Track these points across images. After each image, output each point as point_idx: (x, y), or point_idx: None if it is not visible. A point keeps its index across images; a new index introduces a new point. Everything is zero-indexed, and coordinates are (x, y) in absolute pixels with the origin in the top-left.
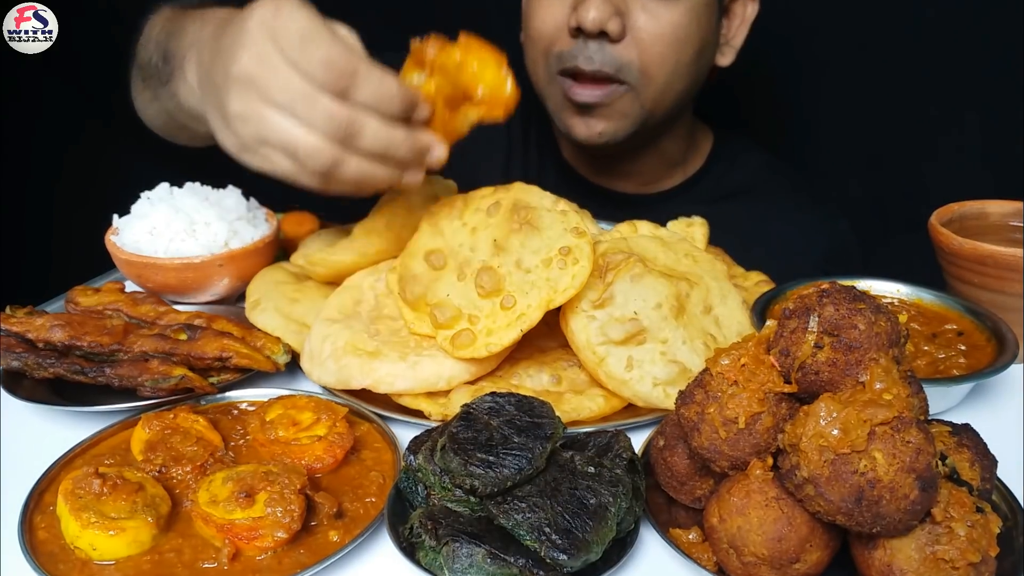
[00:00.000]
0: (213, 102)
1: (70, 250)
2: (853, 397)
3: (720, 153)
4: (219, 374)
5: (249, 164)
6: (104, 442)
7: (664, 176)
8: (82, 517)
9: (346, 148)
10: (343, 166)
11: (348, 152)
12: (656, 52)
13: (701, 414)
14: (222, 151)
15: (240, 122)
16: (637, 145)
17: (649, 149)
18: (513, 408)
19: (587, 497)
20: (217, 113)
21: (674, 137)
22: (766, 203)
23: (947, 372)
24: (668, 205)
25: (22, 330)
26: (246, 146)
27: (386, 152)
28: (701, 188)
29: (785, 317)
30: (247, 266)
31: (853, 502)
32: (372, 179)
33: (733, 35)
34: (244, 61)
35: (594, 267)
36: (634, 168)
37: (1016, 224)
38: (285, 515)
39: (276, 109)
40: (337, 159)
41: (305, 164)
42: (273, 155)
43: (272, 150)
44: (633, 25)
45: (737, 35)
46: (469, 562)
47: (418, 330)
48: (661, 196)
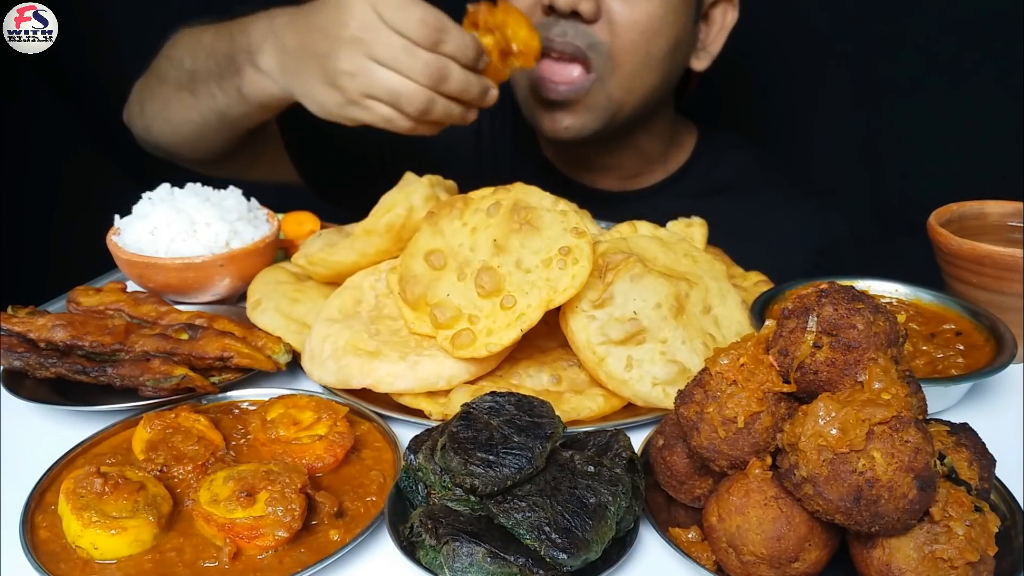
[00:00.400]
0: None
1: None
2: (852, 397)
3: (704, 150)
4: (220, 374)
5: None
6: (105, 441)
7: (644, 172)
8: (83, 516)
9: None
10: (434, 107)
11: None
12: (628, 39)
13: (700, 413)
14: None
15: (348, 78)
16: (610, 140)
17: (625, 145)
18: (513, 408)
19: (587, 496)
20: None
21: (652, 133)
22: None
23: (945, 372)
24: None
25: (24, 330)
26: (351, 100)
27: (463, 94)
28: (683, 184)
29: (784, 317)
30: (248, 266)
31: (852, 501)
32: (450, 117)
33: (711, 41)
34: (352, 27)
35: (594, 267)
36: (612, 163)
37: (1015, 224)
38: (286, 514)
39: (381, 64)
40: (430, 100)
41: (405, 108)
42: (376, 106)
43: (375, 101)
44: (608, 9)
45: (715, 41)
46: (469, 561)
47: (418, 330)
48: (642, 193)
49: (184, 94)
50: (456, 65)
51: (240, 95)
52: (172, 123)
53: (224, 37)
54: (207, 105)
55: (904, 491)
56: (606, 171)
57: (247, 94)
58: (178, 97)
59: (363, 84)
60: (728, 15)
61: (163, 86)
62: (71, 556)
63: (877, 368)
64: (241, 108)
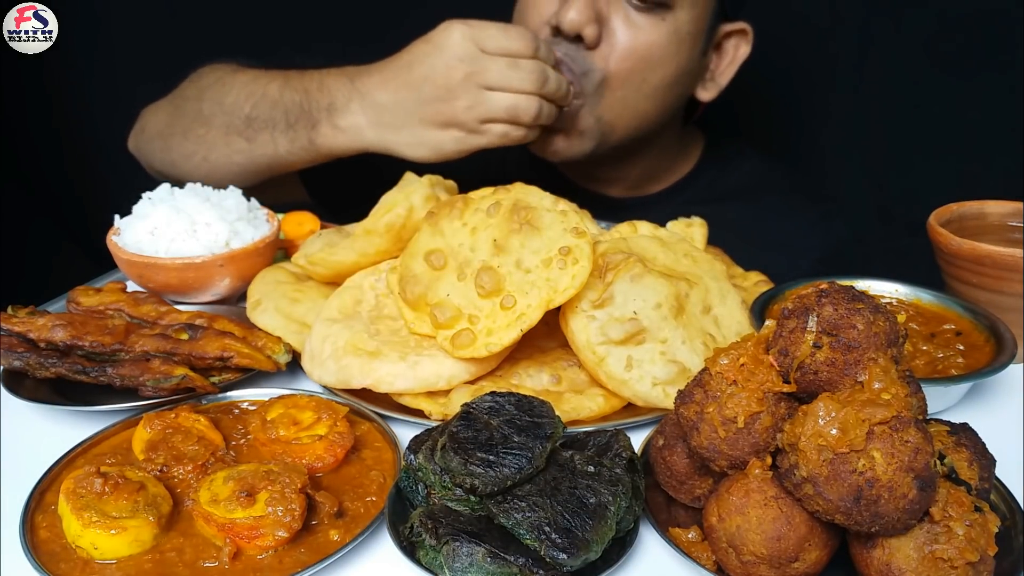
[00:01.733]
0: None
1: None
2: (852, 397)
3: (711, 157)
4: (220, 374)
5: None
6: (105, 441)
7: (651, 181)
8: (83, 516)
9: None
10: (543, 110)
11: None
12: (625, 66)
13: (700, 413)
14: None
15: (466, 112)
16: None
17: (627, 160)
18: (513, 407)
19: (587, 496)
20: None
21: (656, 148)
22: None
23: (945, 372)
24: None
25: (24, 330)
26: (471, 131)
27: (557, 92)
28: (690, 191)
29: (784, 317)
30: (248, 266)
31: (852, 501)
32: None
33: (720, 73)
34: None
35: (594, 267)
36: (615, 176)
37: (1015, 224)
38: (286, 514)
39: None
40: (540, 105)
41: (522, 119)
42: (495, 127)
43: (494, 123)
44: (610, 35)
45: (725, 73)
46: (469, 561)
47: (418, 330)
48: (649, 199)
49: (234, 138)
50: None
51: (312, 146)
52: (210, 162)
53: (296, 90)
54: (263, 151)
55: (904, 491)
56: (612, 181)
57: (319, 146)
58: (226, 140)
59: (481, 112)
60: (741, 48)
61: (204, 128)
62: (71, 556)
63: (877, 368)
64: (306, 157)
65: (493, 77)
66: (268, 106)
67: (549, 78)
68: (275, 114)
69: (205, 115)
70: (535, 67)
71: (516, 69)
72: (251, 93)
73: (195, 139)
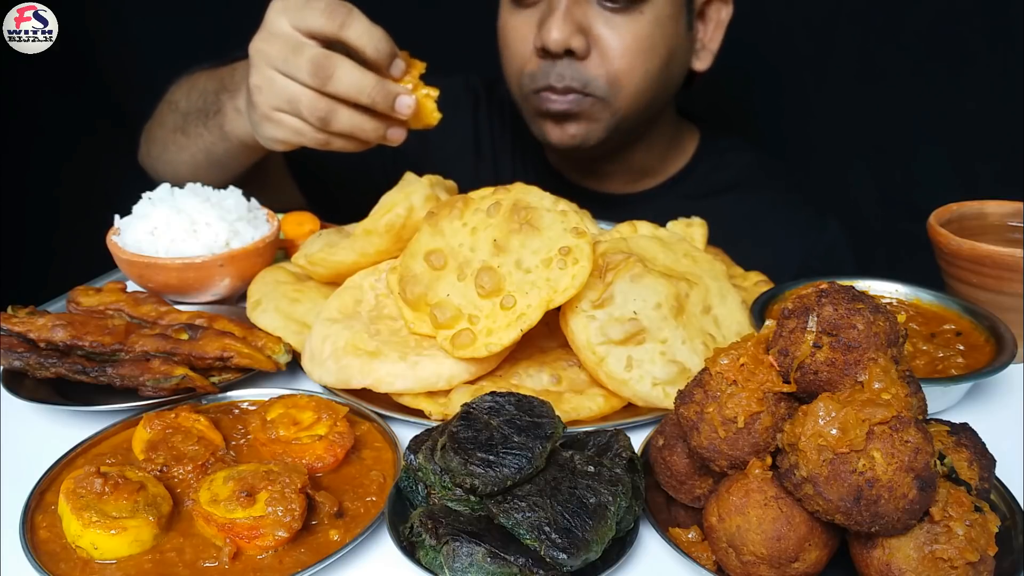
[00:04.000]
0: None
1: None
2: (852, 397)
3: (706, 151)
4: (220, 374)
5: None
6: (105, 441)
7: (647, 175)
8: (83, 516)
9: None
10: (336, 115)
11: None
12: (623, 64)
13: (700, 413)
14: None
15: (257, 92)
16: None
17: (629, 150)
18: (513, 408)
19: (587, 496)
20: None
21: (655, 138)
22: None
23: (945, 372)
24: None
25: (24, 330)
26: (264, 116)
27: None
28: (685, 186)
29: (784, 317)
30: (248, 266)
31: (852, 501)
32: (362, 130)
33: (709, 39)
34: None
35: (594, 267)
36: (614, 168)
37: (1015, 224)
38: (286, 514)
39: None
40: (330, 110)
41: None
42: (286, 119)
43: (282, 114)
44: (597, 40)
45: (714, 39)
46: (469, 561)
47: (418, 330)
48: (645, 194)
49: (178, 135)
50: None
51: (222, 133)
52: (171, 164)
53: (215, 79)
54: (196, 145)
55: (904, 491)
56: (609, 175)
57: (227, 132)
58: (173, 139)
59: (268, 95)
60: (723, 11)
61: (162, 130)
62: (71, 556)
63: (877, 368)
64: (223, 146)
65: (274, 56)
66: (195, 98)
67: (337, 76)
68: (199, 104)
69: (162, 116)
70: (317, 57)
71: (296, 54)
72: (187, 89)
73: (159, 143)
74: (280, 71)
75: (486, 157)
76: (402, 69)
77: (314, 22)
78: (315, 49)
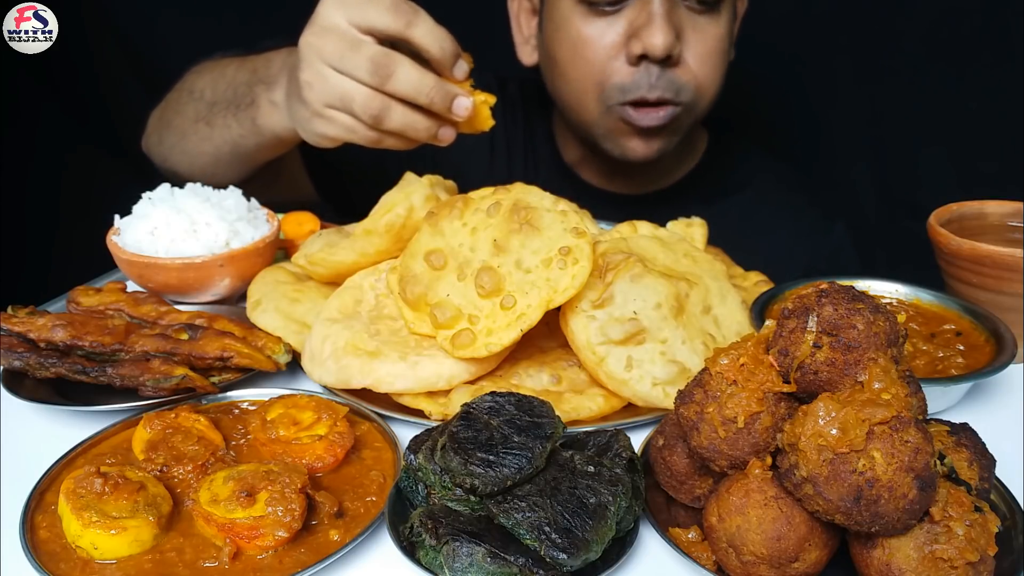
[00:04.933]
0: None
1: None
2: (852, 397)
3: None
4: (220, 374)
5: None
6: (105, 441)
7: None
8: (83, 516)
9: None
10: (390, 113)
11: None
12: (708, 69)
13: (700, 413)
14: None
15: (308, 89)
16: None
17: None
18: (513, 408)
19: (587, 496)
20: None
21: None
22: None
23: (945, 372)
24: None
25: (24, 330)
26: (315, 113)
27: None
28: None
29: (784, 317)
30: (248, 266)
31: (852, 501)
32: (415, 129)
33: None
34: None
35: (594, 267)
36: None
37: (1015, 224)
38: (286, 514)
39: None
40: (384, 108)
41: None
42: (338, 116)
43: (334, 111)
44: (686, 47)
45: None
46: (469, 561)
47: (418, 330)
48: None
49: (200, 125)
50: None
51: (254, 126)
52: (188, 155)
53: (246, 70)
54: (222, 137)
55: (904, 491)
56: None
57: (261, 126)
58: (194, 129)
59: (318, 93)
60: (740, 3)
61: (180, 118)
62: (71, 556)
63: (877, 368)
64: (254, 140)
65: (329, 53)
66: (223, 88)
67: (397, 76)
68: (228, 95)
69: (181, 105)
70: (377, 55)
71: (354, 51)
72: (215, 78)
73: (176, 131)
74: (334, 67)
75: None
76: (465, 72)
77: (379, 20)
78: (374, 47)
